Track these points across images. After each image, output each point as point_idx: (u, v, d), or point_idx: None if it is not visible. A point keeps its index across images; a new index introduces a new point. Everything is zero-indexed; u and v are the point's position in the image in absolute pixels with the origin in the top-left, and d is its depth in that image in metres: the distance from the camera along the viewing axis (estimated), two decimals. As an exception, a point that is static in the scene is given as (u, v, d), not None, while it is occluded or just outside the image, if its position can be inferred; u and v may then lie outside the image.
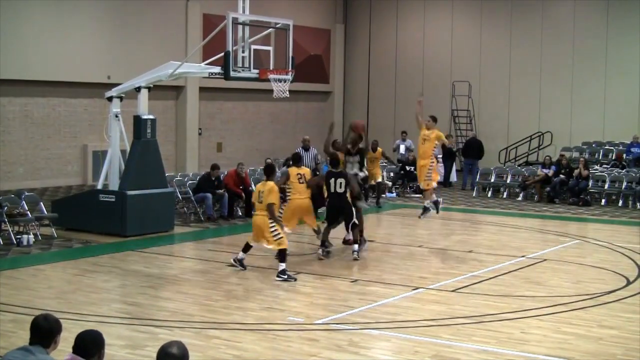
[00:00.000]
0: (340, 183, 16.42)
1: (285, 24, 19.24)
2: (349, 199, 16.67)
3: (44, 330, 6.14)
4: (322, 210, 17.93)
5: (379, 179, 23.79)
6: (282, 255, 14.73)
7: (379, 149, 24.55)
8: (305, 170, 16.88)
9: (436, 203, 18.04)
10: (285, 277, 14.49)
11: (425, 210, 18.07)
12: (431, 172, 17.78)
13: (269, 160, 20.85)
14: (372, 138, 36.84)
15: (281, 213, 16.10)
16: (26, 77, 25.95)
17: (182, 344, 5.49)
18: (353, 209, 16.60)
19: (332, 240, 17.28)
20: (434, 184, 18.15)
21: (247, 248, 15.32)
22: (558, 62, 33.71)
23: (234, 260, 15.42)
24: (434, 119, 18.35)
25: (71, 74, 27.05)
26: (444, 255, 17.47)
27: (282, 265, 14.62)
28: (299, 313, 12.34)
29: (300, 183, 16.48)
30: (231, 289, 13.96)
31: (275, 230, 14.73)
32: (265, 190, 14.73)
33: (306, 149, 23.02)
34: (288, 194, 16.67)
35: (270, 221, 14.70)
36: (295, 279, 14.51)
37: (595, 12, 33.05)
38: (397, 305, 12.96)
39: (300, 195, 16.48)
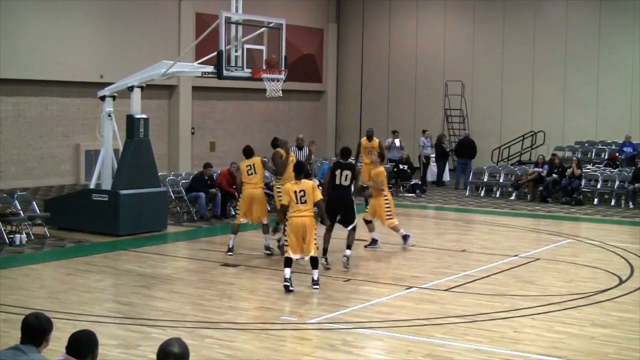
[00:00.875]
0: (347, 175, 15.71)
1: (278, 23, 19.23)
2: (352, 196, 16.11)
3: (35, 329, 6.11)
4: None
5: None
6: (316, 262, 14.02)
7: (376, 139, 23.44)
8: (256, 161, 16.74)
9: (405, 237, 17.80)
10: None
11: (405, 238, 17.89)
12: (389, 207, 17.46)
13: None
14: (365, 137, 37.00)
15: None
16: (19, 76, 25.91)
17: (182, 341, 5.41)
18: (355, 208, 16.05)
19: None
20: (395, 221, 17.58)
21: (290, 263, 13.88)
22: (551, 61, 33.77)
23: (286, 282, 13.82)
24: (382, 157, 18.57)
25: (64, 73, 27.00)
26: (437, 255, 17.48)
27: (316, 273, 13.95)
28: (292, 312, 12.35)
29: (249, 174, 16.57)
30: (224, 288, 13.95)
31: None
32: (308, 189, 13.79)
33: (300, 147, 23.03)
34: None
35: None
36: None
37: (588, 12, 33.11)
38: (390, 304, 12.97)
39: (254, 186, 16.61)
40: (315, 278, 13.82)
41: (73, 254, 16.99)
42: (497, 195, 28.00)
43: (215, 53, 18.32)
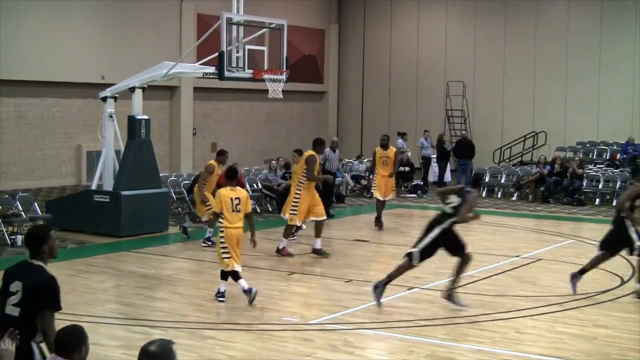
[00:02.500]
0: None
1: (280, 24, 19.24)
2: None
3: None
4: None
5: (387, 198, 20.78)
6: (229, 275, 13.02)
7: (392, 148, 21.59)
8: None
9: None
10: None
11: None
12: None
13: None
14: (366, 138, 37.16)
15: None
16: (20, 77, 25.92)
17: (165, 341, 5.21)
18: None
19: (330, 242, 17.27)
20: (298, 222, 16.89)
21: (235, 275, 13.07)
22: (552, 61, 33.75)
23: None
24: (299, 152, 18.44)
25: (65, 74, 27.01)
26: (438, 255, 17.42)
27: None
28: (294, 313, 12.34)
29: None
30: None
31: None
32: (243, 198, 12.91)
33: (334, 150, 23.24)
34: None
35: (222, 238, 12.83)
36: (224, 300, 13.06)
37: (589, 12, 33.10)
38: (392, 305, 12.95)
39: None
40: (246, 287, 12.80)
41: (74, 255, 16.99)
42: (499, 195, 27.99)
43: (216, 54, 18.33)
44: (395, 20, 37.44)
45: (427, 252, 12.99)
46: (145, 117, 19.75)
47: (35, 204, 19.60)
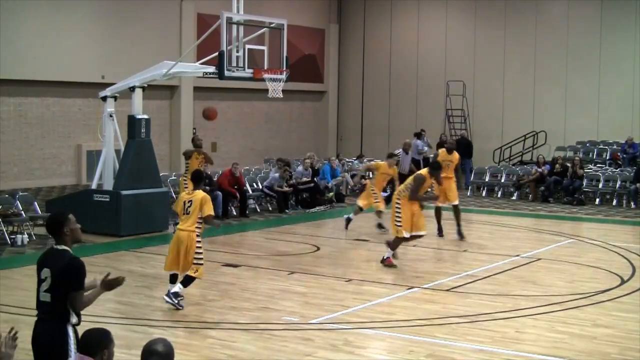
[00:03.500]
0: None
1: (280, 24, 19.25)
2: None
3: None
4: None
5: (455, 201, 19.47)
6: (191, 281, 12.68)
7: (455, 153, 20.14)
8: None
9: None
10: (176, 302, 12.47)
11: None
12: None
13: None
14: (366, 138, 37.17)
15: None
16: (20, 76, 25.91)
17: (167, 341, 5.37)
18: None
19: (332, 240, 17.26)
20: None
21: (175, 278, 12.87)
22: (552, 61, 33.72)
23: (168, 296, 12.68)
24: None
25: (65, 73, 27.01)
26: (438, 255, 17.48)
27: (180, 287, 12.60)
28: (294, 313, 12.33)
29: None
30: (226, 288, 13.94)
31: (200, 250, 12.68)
32: (196, 200, 12.51)
33: (406, 152, 23.45)
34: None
35: (198, 240, 12.60)
36: (182, 307, 12.47)
37: (589, 11, 33.07)
38: (392, 304, 12.96)
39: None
40: (172, 290, 12.47)
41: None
42: (499, 195, 28.00)
43: (216, 53, 18.33)
44: (395, 19, 37.42)
45: None
46: (146, 116, 19.75)
47: (35, 203, 19.58)
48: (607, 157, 30.57)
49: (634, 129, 30.92)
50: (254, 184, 24.62)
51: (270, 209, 23.99)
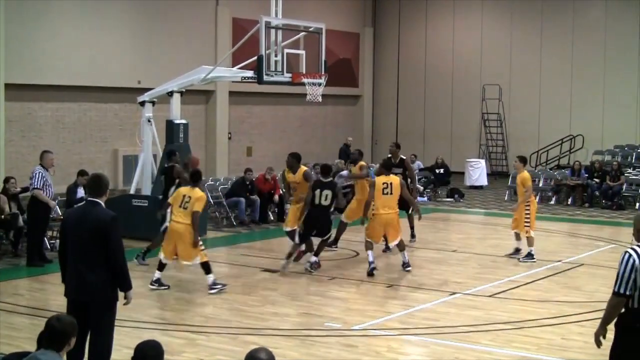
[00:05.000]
0: (327, 195, 15.36)
1: (318, 28, 19.17)
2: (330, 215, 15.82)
3: (58, 333, 6.20)
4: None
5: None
6: (207, 267, 13.94)
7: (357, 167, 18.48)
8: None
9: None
10: (219, 287, 13.86)
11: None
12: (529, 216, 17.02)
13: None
14: (402, 142, 36.99)
15: None
16: (58, 82, 26.01)
17: (270, 351, 5.50)
18: (331, 226, 15.87)
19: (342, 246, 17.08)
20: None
21: (163, 266, 14.13)
22: (589, 64, 33.43)
23: (152, 282, 14.06)
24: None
25: (101, 79, 27.08)
26: (479, 260, 17.31)
27: (212, 277, 13.92)
28: (336, 319, 12.25)
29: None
30: (266, 294, 13.88)
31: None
32: (194, 197, 13.80)
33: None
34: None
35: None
36: (226, 284, 14.01)
37: (628, 13, 32.74)
38: (435, 310, 12.84)
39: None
40: (209, 283, 13.84)
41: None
42: (537, 200, 27.71)
43: (254, 58, 18.30)
44: (430, 22, 37.26)
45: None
46: (184, 121, 19.77)
47: (74, 208, 19.61)
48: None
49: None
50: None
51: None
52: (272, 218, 22.49)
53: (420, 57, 37.44)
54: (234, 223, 21.66)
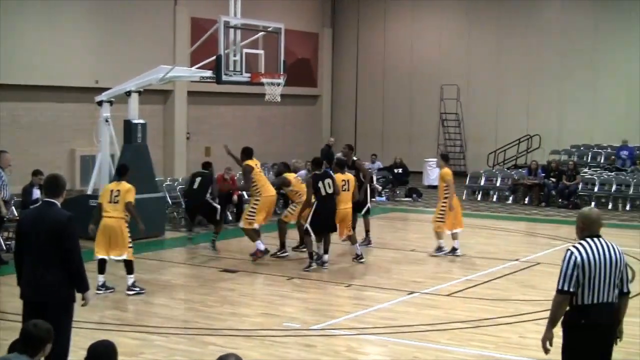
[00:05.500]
0: (329, 184, 15.65)
1: (277, 28, 19.15)
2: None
3: (34, 338, 6.17)
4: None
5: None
6: (131, 266, 14.00)
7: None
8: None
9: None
10: (137, 289, 13.86)
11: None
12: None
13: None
14: (360, 142, 37.07)
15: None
16: (14, 81, 25.74)
17: (239, 357, 5.49)
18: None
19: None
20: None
21: (104, 266, 13.98)
22: (546, 65, 33.73)
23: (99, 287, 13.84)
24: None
25: (59, 78, 26.83)
26: (437, 259, 17.39)
27: (133, 278, 13.95)
28: (295, 318, 12.24)
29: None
30: (225, 294, 13.85)
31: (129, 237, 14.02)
32: (123, 190, 14.00)
33: None
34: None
35: (127, 225, 14.00)
36: (144, 289, 13.90)
37: (584, 15, 33.09)
38: (393, 309, 12.89)
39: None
40: (129, 284, 13.83)
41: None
42: (494, 199, 27.94)
43: (213, 58, 18.24)
44: (389, 23, 37.37)
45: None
46: (142, 121, 19.65)
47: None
48: (602, 161, 30.56)
49: (628, 131, 30.88)
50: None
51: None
52: (230, 218, 22.40)
53: (379, 58, 37.55)
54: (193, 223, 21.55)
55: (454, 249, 17.42)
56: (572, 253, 7.37)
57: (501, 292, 14.14)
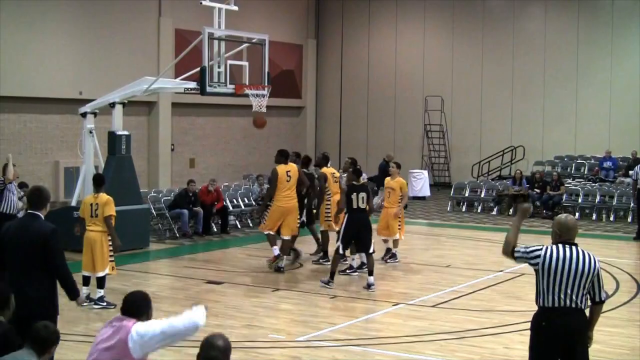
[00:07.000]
0: (363, 198, 15.14)
1: (261, 39, 19.16)
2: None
3: (42, 339, 6.56)
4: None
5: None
6: (104, 281, 13.89)
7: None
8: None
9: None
10: (105, 304, 13.77)
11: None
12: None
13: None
14: (345, 153, 37.06)
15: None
16: (-3, 93, 25.66)
17: (226, 337, 5.78)
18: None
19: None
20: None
21: (88, 280, 13.98)
22: (529, 76, 33.87)
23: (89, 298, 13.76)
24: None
25: (42, 89, 26.75)
26: (422, 270, 17.41)
27: (102, 292, 13.87)
28: (280, 330, 12.23)
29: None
30: (210, 306, 13.70)
31: (111, 250, 13.97)
32: (101, 203, 13.80)
33: None
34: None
35: (109, 239, 13.89)
36: (115, 306, 13.43)
37: (566, 27, 33.25)
38: (379, 321, 12.89)
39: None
40: (95, 297, 13.76)
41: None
42: (479, 210, 28.01)
43: (197, 69, 18.22)
44: (373, 35, 37.45)
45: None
46: (126, 132, 19.61)
47: (14, 221, 19.32)
48: (585, 172, 30.70)
49: (611, 143, 31.06)
50: (234, 200, 24.48)
51: (251, 225, 23.85)
52: (215, 230, 22.41)
53: (363, 69, 37.62)
54: (177, 235, 21.55)
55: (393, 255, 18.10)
56: (543, 247, 7.64)
57: (486, 303, 14.16)
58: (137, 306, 6.48)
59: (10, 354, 6.38)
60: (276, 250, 16.66)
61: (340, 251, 15.17)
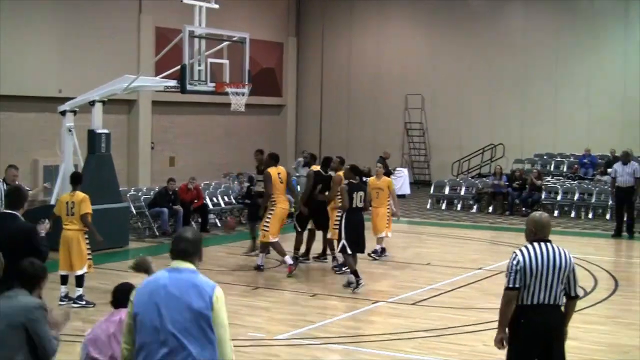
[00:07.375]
0: (361, 197, 15.26)
1: (242, 37, 19.15)
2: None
3: (29, 275, 6.64)
4: None
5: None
6: (82, 279, 13.85)
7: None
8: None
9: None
10: (84, 302, 13.79)
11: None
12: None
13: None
14: (325, 151, 37.13)
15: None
16: (-25, 91, 25.55)
17: (196, 230, 6.10)
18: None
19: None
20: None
21: (65, 279, 13.98)
22: (509, 74, 34.00)
23: (62, 298, 13.85)
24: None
25: (21, 87, 26.63)
26: (401, 268, 17.46)
27: (81, 291, 13.84)
28: (260, 328, 12.24)
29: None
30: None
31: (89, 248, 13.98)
32: (77, 201, 13.72)
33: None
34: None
35: (86, 237, 13.88)
36: (94, 304, 13.68)
37: (546, 26, 33.39)
38: (358, 319, 12.93)
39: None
40: (75, 296, 13.78)
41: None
42: (459, 208, 28.10)
43: (177, 67, 18.21)
44: (354, 33, 37.47)
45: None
46: (106, 131, 19.56)
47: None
48: (565, 170, 30.86)
49: (590, 141, 31.20)
50: (214, 198, 24.46)
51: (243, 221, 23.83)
52: (195, 228, 22.38)
53: (344, 68, 37.65)
54: (157, 233, 21.52)
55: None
56: (516, 255, 7.70)
57: (465, 300, 14.23)
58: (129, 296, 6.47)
59: (4, 293, 6.47)
60: (289, 259, 16.25)
61: (349, 251, 14.91)
